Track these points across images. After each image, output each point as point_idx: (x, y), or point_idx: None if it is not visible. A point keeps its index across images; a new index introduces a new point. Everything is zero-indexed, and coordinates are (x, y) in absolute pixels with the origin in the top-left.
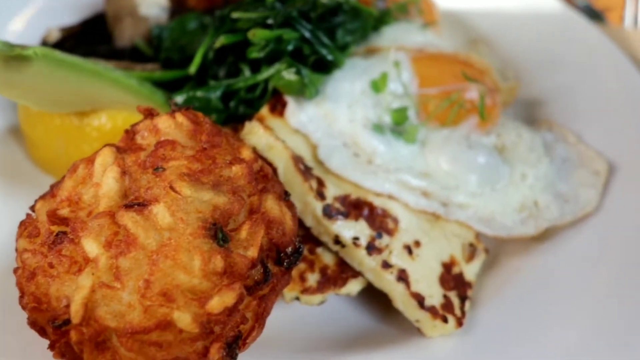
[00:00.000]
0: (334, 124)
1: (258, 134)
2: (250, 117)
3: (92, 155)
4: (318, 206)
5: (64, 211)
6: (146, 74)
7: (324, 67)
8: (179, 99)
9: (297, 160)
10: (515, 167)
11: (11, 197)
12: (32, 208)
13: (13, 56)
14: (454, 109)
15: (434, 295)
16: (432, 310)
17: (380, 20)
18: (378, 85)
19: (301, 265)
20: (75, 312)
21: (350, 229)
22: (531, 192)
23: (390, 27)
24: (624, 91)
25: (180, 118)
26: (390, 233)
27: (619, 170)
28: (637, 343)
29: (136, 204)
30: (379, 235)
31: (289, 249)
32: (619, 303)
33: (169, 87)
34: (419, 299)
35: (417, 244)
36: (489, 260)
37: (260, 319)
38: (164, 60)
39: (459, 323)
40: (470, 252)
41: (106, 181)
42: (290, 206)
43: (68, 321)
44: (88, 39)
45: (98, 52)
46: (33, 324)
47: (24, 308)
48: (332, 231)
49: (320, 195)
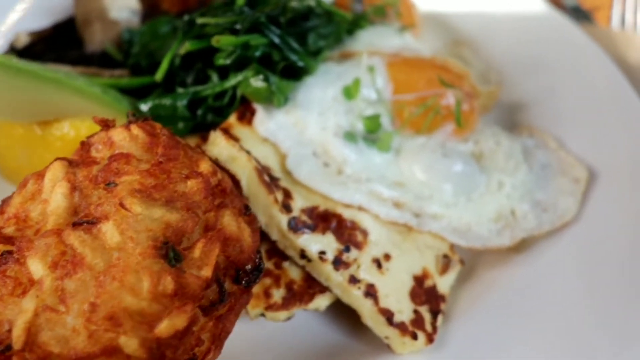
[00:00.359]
0: (305, 132)
1: (220, 145)
2: (218, 126)
3: (43, 170)
4: (283, 219)
5: (10, 229)
6: (112, 80)
7: (295, 74)
8: (145, 107)
9: (261, 171)
10: (492, 176)
11: None
12: None
13: None
14: (429, 115)
15: (404, 310)
16: (401, 326)
17: (355, 24)
18: (350, 92)
19: (266, 281)
20: (18, 338)
21: (316, 243)
22: (508, 201)
23: (366, 31)
24: (608, 95)
25: (135, 130)
26: (358, 246)
27: (599, 177)
28: (616, 355)
29: (85, 222)
30: (347, 249)
31: (248, 267)
32: (597, 316)
33: (137, 94)
34: (388, 315)
35: (387, 257)
36: (464, 272)
37: (217, 340)
38: (132, 66)
39: (430, 339)
40: (445, 264)
41: (55, 197)
42: (251, 221)
43: (10, 347)
44: (59, 43)
45: (68, 58)
46: None
47: None
48: (298, 245)
49: (286, 208)
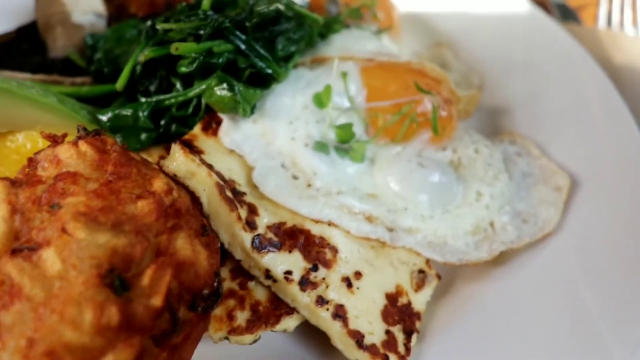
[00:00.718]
0: (273, 143)
1: (178, 160)
2: (182, 136)
3: None
4: (247, 238)
5: None
6: (72, 89)
7: (263, 81)
8: (104, 117)
9: (223, 187)
10: (470, 186)
11: None
12: None
13: None
14: (405, 123)
15: (375, 331)
16: (372, 349)
17: (329, 28)
18: (321, 100)
19: (230, 302)
20: None
21: (282, 263)
22: (487, 213)
23: (340, 35)
24: (593, 99)
25: (83, 147)
26: (327, 265)
27: (581, 184)
28: None
29: (26, 248)
30: (315, 268)
31: (205, 292)
32: (579, 331)
33: (101, 102)
34: (358, 337)
35: (358, 275)
36: (441, 286)
37: None
38: (95, 72)
39: None
40: (420, 280)
41: None
42: (209, 243)
43: None
44: (22, 48)
45: (30, 64)
46: None
47: None
48: (262, 265)
49: (251, 225)
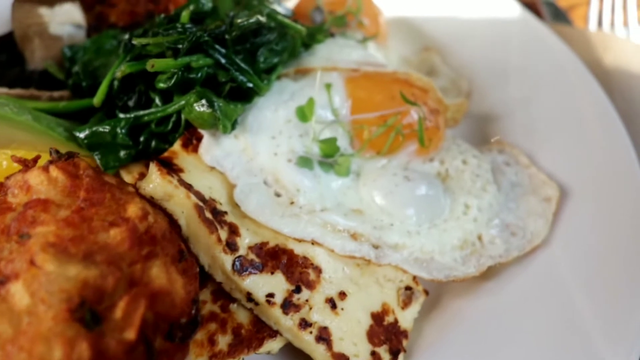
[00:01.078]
0: (255, 159)
1: (155, 181)
2: (162, 153)
3: None
4: (227, 260)
5: None
6: (49, 104)
7: (245, 95)
8: (82, 134)
9: (202, 208)
10: (457, 199)
11: None
12: None
13: None
14: (390, 135)
15: (360, 353)
16: None
17: (313, 37)
18: (304, 113)
19: (211, 326)
20: None
21: (264, 285)
22: (475, 226)
23: (324, 44)
24: (583, 106)
25: (54, 172)
26: (310, 286)
27: (571, 195)
28: None
29: None
30: (298, 290)
31: (183, 320)
32: (570, 346)
33: (79, 117)
34: None
35: (343, 295)
36: (428, 302)
37: None
38: (73, 86)
39: None
40: (407, 297)
41: None
42: (186, 269)
43: None
44: (0, 60)
45: (8, 76)
46: None
47: None
48: (244, 288)
49: (231, 247)
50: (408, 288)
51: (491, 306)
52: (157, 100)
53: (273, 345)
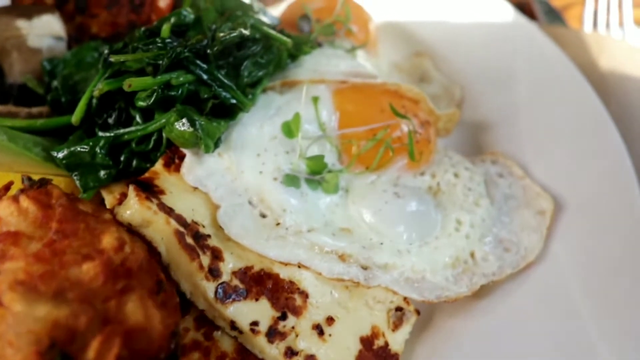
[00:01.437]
0: (240, 178)
1: (133, 207)
2: (144, 172)
3: None
4: (210, 288)
5: None
6: (27, 122)
7: (228, 112)
8: (60, 154)
9: (183, 234)
10: (449, 214)
11: None
12: None
13: None
14: (380, 149)
15: None
16: None
17: (300, 48)
18: (290, 129)
19: (194, 355)
20: None
21: (248, 313)
22: (467, 243)
23: (311, 55)
24: (578, 115)
25: (25, 202)
26: (297, 312)
27: (566, 207)
28: None
29: None
30: (283, 317)
31: (162, 356)
32: None
33: (60, 135)
34: None
35: (330, 320)
36: (420, 322)
37: None
38: (52, 102)
39: None
40: (398, 318)
41: None
42: (166, 301)
43: None
44: None
45: None
46: None
47: None
48: (227, 316)
49: (214, 273)
50: (399, 309)
51: (485, 326)
52: (138, 118)
53: None
